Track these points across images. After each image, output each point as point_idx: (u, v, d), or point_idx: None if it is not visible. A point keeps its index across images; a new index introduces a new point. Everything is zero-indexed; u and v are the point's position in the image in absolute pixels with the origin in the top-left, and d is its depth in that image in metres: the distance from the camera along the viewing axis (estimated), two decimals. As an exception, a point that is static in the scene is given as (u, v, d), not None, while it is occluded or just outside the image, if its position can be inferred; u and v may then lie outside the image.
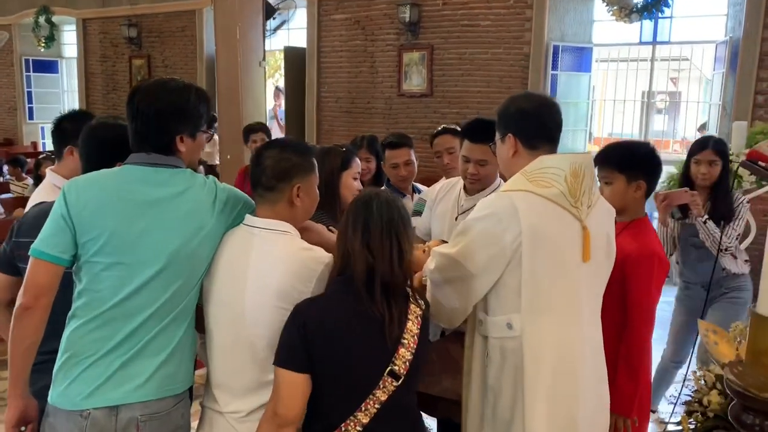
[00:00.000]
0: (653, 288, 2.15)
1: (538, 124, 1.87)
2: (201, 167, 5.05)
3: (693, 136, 8.27)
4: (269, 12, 6.94)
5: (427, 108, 7.41)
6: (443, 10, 7.18)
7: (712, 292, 3.12)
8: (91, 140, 1.95)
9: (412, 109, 7.52)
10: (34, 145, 10.99)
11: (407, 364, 1.64)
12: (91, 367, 1.65)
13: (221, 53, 5.29)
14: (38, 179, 5.40)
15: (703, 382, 1.85)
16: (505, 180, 2.15)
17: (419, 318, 1.70)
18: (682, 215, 3.17)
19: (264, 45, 5.43)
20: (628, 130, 7.56)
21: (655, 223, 2.89)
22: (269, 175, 1.79)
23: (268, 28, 7.61)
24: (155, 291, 1.69)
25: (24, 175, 7.17)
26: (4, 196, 6.31)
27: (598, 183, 1.92)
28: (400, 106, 7.61)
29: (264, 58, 5.38)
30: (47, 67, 11.66)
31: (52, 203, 1.74)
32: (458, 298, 1.86)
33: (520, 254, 1.74)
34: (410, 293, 1.73)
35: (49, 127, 11.48)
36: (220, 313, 1.79)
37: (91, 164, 1.90)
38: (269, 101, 9.66)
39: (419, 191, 3.35)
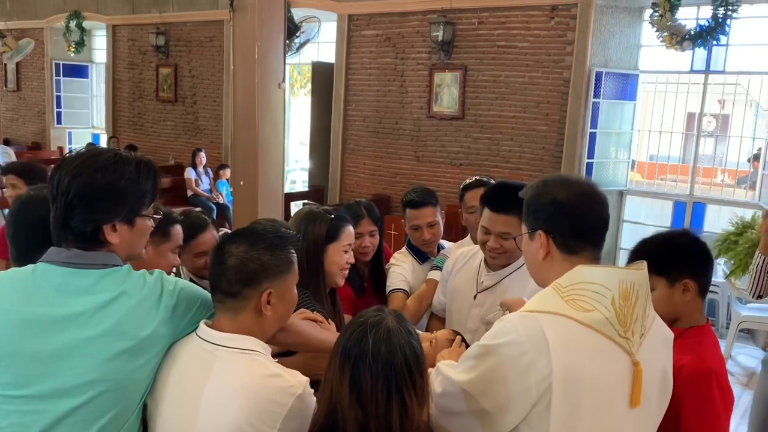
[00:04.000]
0: (710, 414, 1.69)
1: (578, 223, 1.46)
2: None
3: (741, 164, 7.69)
4: (292, 30, 6.62)
5: (458, 131, 7.01)
6: (479, 30, 6.77)
7: None
8: (20, 218, 1.60)
9: (442, 132, 7.13)
10: (60, 150, 10.87)
11: None
12: None
13: (239, 73, 4.98)
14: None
15: None
16: None
17: None
18: None
19: (285, 66, 5.10)
20: (673, 153, 7.04)
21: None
22: (232, 278, 1.42)
23: (294, 44, 7.29)
24: (78, 426, 1.33)
25: None
26: None
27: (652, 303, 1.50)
28: (429, 128, 7.22)
29: (284, 80, 5.05)
30: (77, 71, 11.57)
31: None
32: None
33: (549, 399, 1.33)
34: None
35: (76, 132, 11.52)
36: None
37: (18, 246, 1.56)
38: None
39: (443, 248, 2.93)
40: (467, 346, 1.76)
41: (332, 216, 2.17)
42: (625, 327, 1.38)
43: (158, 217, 1.53)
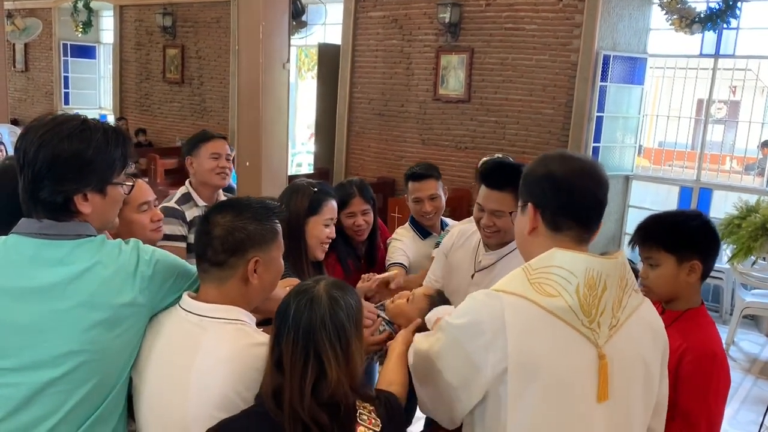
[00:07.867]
0: (711, 397, 1.67)
1: (568, 199, 1.38)
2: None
3: (750, 151, 7.57)
4: (297, 11, 6.57)
5: (464, 114, 6.97)
6: (486, 12, 6.71)
7: None
8: None
9: (448, 115, 7.09)
10: (68, 130, 10.90)
11: None
12: None
13: (243, 53, 4.97)
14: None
15: None
16: None
17: None
18: None
19: (289, 46, 5.08)
20: (682, 140, 6.97)
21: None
22: (218, 248, 1.42)
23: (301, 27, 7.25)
24: (58, 397, 1.32)
25: None
26: None
27: (636, 289, 1.44)
28: (435, 111, 7.19)
29: (288, 60, 5.03)
30: (85, 52, 11.58)
31: None
32: (441, 405, 1.46)
33: (505, 387, 1.29)
34: (358, 410, 1.32)
35: (84, 113, 11.55)
36: (152, 419, 1.43)
37: None
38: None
39: (447, 225, 2.95)
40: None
41: (315, 189, 2.17)
42: (589, 317, 1.32)
43: (130, 184, 1.50)
